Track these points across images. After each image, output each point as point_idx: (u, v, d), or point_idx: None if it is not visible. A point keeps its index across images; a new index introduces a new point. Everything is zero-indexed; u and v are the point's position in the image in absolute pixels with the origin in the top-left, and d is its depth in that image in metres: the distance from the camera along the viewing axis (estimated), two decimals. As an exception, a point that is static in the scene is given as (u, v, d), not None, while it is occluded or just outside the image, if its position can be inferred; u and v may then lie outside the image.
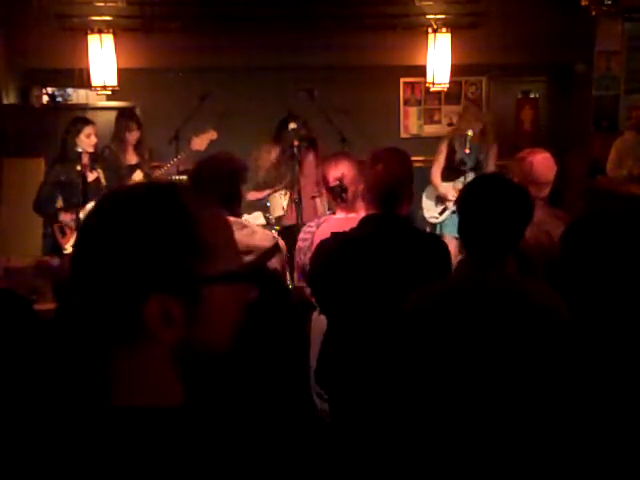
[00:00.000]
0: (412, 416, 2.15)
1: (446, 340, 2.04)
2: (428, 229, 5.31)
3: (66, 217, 4.81)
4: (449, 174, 5.28)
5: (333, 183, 2.94)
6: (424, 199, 5.44)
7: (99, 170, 4.95)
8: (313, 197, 4.78)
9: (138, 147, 5.25)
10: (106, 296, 0.89)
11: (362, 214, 2.67)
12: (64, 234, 4.81)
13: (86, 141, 4.79)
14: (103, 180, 4.98)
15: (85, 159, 4.82)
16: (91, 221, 0.92)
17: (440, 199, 5.34)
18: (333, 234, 2.58)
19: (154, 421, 0.88)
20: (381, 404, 2.38)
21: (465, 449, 2.01)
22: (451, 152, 5.27)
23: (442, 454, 2.04)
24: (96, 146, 4.88)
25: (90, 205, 4.82)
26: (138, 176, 5.18)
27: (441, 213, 5.36)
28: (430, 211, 5.42)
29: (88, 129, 4.81)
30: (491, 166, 5.20)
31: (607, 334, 2.01)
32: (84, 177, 4.71)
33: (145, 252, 0.87)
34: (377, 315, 2.39)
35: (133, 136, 5.21)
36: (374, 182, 2.50)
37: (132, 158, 5.25)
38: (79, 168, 4.68)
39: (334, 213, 3.10)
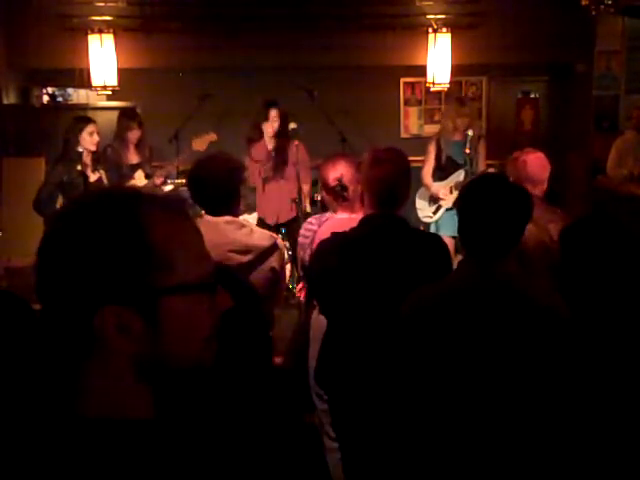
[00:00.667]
0: (412, 416, 2.15)
1: (446, 340, 2.04)
2: (422, 229, 5.33)
3: None
4: (440, 174, 5.32)
5: (333, 183, 2.94)
6: (417, 199, 5.46)
7: (102, 170, 4.95)
8: (293, 200, 4.80)
9: (139, 146, 5.28)
10: (63, 307, 0.88)
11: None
12: None
13: (88, 139, 4.80)
14: (105, 180, 4.98)
15: (87, 158, 4.83)
16: (50, 230, 0.91)
17: (433, 199, 5.36)
18: (333, 234, 2.58)
19: (119, 432, 0.87)
20: (381, 405, 2.38)
21: (466, 449, 2.01)
22: (439, 151, 5.30)
23: (442, 454, 2.04)
24: (98, 145, 4.89)
25: None
26: (139, 175, 5.19)
27: (435, 212, 5.38)
28: (424, 211, 5.44)
29: (90, 127, 4.81)
30: (482, 161, 5.25)
31: (607, 334, 2.01)
32: (85, 177, 4.72)
33: (96, 263, 0.86)
34: (377, 315, 2.39)
35: (134, 135, 5.23)
36: (373, 182, 2.50)
37: (133, 157, 5.27)
38: (79, 168, 4.69)
39: (335, 213, 3.10)
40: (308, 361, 3.01)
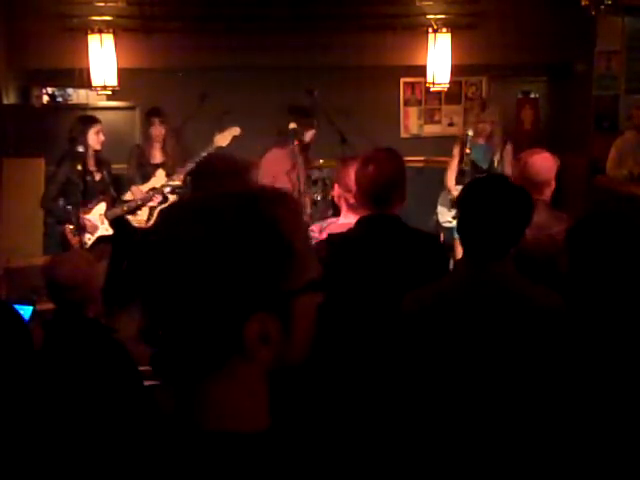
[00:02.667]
0: (410, 417, 2.15)
1: (443, 340, 2.04)
2: (442, 234, 5.32)
3: (84, 216, 4.80)
4: (463, 178, 5.25)
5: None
6: (438, 204, 5.44)
7: (104, 171, 4.97)
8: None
9: (165, 146, 5.28)
10: (202, 321, 0.83)
11: None
12: (75, 234, 4.80)
13: (94, 138, 4.82)
14: (108, 180, 5.00)
15: (91, 158, 4.84)
16: (171, 242, 0.85)
17: (454, 203, 5.32)
18: (329, 235, 2.58)
19: (245, 447, 0.84)
20: (378, 405, 2.38)
21: (465, 450, 2.01)
22: (462, 155, 5.23)
23: (441, 454, 2.04)
24: (102, 145, 4.89)
25: (100, 206, 4.84)
26: (160, 174, 5.20)
27: (455, 217, 5.34)
28: (444, 215, 5.42)
29: (96, 127, 4.84)
30: (508, 167, 5.09)
31: (609, 335, 2.01)
32: (85, 177, 4.73)
33: (243, 271, 0.82)
34: (373, 316, 2.38)
35: (157, 134, 5.22)
36: (365, 183, 2.50)
37: (157, 156, 5.29)
38: (80, 168, 4.70)
39: (337, 217, 3.10)
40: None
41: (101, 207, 4.92)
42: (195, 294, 0.82)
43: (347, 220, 2.93)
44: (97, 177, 4.91)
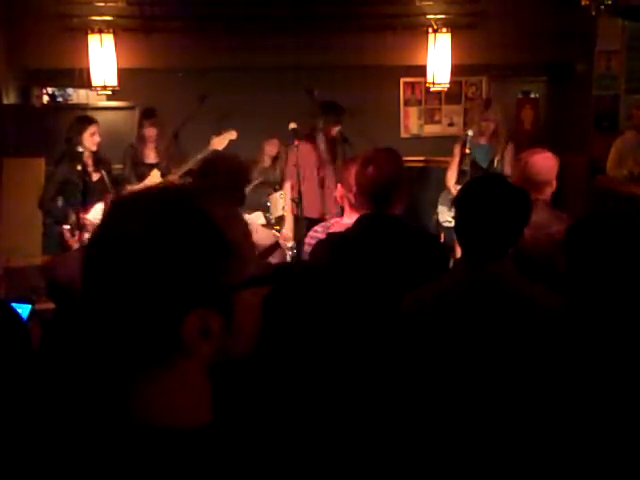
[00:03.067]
0: (409, 417, 2.15)
1: (442, 340, 2.04)
2: (443, 234, 5.31)
3: (84, 216, 4.80)
4: (464, 178, 5.23)
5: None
6: (439, 204, 5.43)
7: (103, 171, 4.97)
8: (294, 199, 4.79)
9: (159, 146, 5.30)
10: (141, 317, 0.83)
11: None
12: (74, 234, 4.80)
13: (90, 140, 4.82)
14: (107, 181, 5.00)
15: (88, 159, 4.84)
16: (109, 236, 0.85)
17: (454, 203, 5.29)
18: (329, 234, 2.59)
19: (183, 442, 0.84)
20: (376, 404, 2.38)
21: (463, 450, 2.01)
22: (463, 155, 5.21)
23: (439, 455, 2.04)
24: (99, 145, 4.90)
25: (99, 206, 4.84)
26: (155, 174, 5.21)
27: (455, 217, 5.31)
28: (444, 215, 5.41)
29: (92, 128, 4.84)
30: (507, 167, 5.05)
31: (609, 335, 2.01)
32: (85, 177, 4.73)
33: (184, 266, 0.82)
34: (372, 316, 2.38)
35: (150, 134, 5.25)
36: (365, 183, 2.50)
37: (151, 156, 5.31)
38: (79, 168, 4.70)
39: (341, 217, 3.10)
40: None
41: (100, 207, 4.92)
42: (132, 290, 0.82)
43: (350, 220, 2.94)
44: (95, 177, 4.91)
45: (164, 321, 0.83)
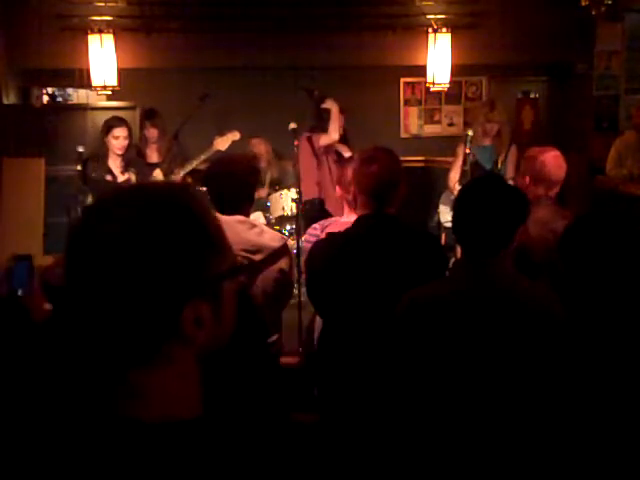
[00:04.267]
0: (407, 418, 2.15)
1: (440, 341, 2.04)
2: (444, 234, 5.31)
3: None
4: (465, 178, 5.20)
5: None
6: (440, 204, 5.42)
7: (131, 173, 4.94)
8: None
9: (160, 146, 5.32)
10: (137, 311, 0.85)
11: None
12: None
13: (114, 143, 4.79)
14: (134, 182, 4.97)
15: (116, 161, 4.83)
16: (98, 236, 0.86)
17: None
18: (328, 234, 2.59)
19: (181, 433, 0.85)
20: (375, 404, 2.38)
21: (462, 450, 2.01)
22: (465, 155, 5.19)
23: (438, 455, 2.04)
24: (125, 149, 4.85)
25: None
26: (157, 174, 5.22)
27: None
28: (445, 215, 5.39)
29: (116, 131, 4.79)
30: (511, 168, 5.04)
31: (606, 335, 2.01)
32: (84, 177, 4.72)
33: (176, 261, 0.86)
34: (372, 316, 2.38)
35: (151, 135, 5.29)
36: (363, 182, 2.49)
37: (154, 156, 5.34)
38: (79, 168, 4.69)
39: (340, 216, 3.11)
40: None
41: None
42: (129, 283, 0.84)
43: (349, 219, 2.94)
44: (120, 178, 4.89)
45: (163, 313, 0.86)
